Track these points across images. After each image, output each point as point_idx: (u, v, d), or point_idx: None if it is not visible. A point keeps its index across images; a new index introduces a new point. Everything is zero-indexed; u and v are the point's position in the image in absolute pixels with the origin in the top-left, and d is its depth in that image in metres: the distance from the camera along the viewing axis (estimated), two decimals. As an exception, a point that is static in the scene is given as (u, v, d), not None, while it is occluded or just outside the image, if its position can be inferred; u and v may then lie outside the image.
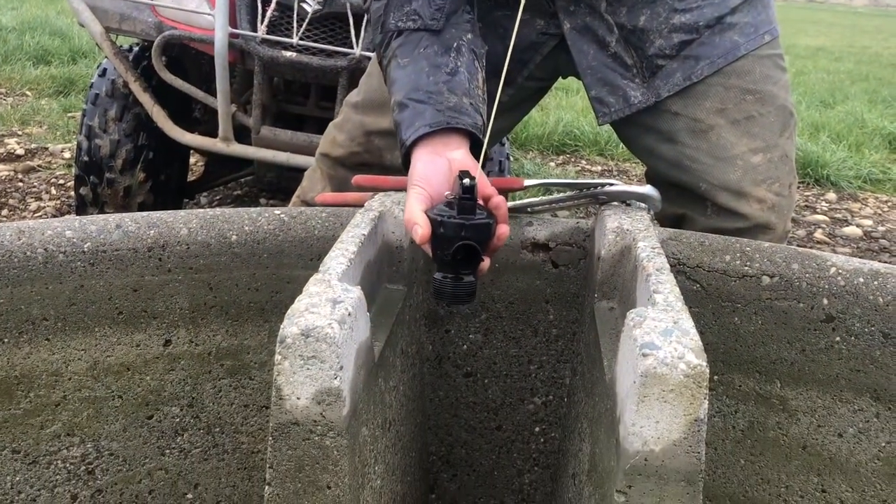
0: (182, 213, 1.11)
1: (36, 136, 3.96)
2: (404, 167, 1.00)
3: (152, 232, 1.08)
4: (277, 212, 1.13)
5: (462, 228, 0.87)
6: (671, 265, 0.94)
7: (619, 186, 1.09)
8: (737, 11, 1.19)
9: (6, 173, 3.33)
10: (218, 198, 3.26)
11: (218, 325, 1.13)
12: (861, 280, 1.01)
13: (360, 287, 0.78)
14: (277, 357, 0.71)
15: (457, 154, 0.96)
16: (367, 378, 0.81)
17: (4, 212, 2.93)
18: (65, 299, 1.04)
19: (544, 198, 1.14)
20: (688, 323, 0.74)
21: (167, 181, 2.49)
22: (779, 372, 1.08)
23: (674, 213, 1.26)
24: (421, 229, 0.86)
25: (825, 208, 3.86)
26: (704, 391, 0.69)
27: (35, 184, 3.25)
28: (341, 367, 0.72)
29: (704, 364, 0.68)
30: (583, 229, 1.13)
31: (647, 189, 1.09)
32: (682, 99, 1.21)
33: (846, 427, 1.05)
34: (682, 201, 1.24)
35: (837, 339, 1.03)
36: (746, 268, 1.07)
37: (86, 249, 1.04)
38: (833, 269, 1.04)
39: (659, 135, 1.23)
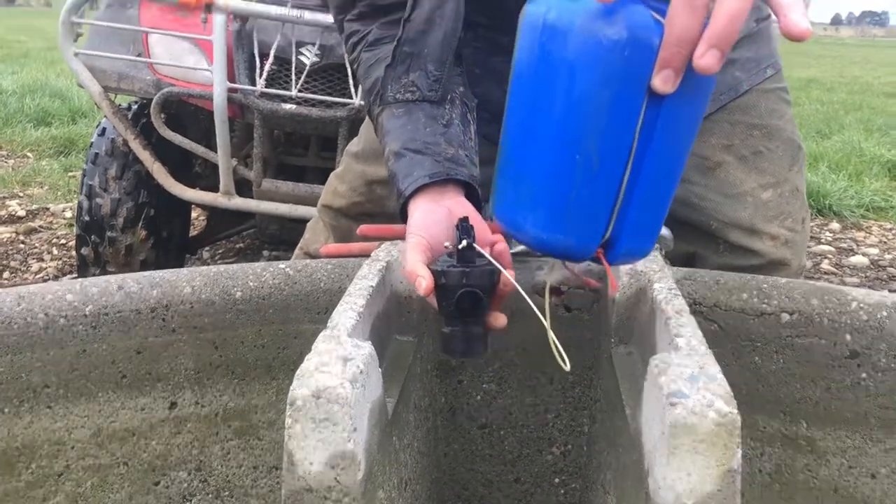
0: (185, 271, 1.09)
1: (37, 196, 3.96)
2: (401, 218, 0.98)
3: (155, 292, 1.05)
4: (282, 266, 1.11)
5: (464, 276, 0.85)
6: (687, 305, 0.92)
7: (631, 227, 1.06)
8: (737, 47, 1.18)
9: (7, 235, 3.31)
10: (220, 252, 3.24)
11: (224, 384, 1.10)
12: (884, 314, 0.99)
13: (370, 342, 0.76)
14: (288, 420, 0.68)
15: (455, 203, 0.95)
16: (381, 438, 0.78)
17: (6, 274, 2.91)
18: (67, 365, 1.01)
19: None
20: (714, 368, 0.71)
21: (169, 238, 2.48)
22: (804, 412, 1.04)
23: (685, 252, 1.24)
24: (424, 281, 0.84)
25: (830, 238, 3.83)
26: (737, 440, 0.65)
27: (37, 245, 3.24)
28: (355, 429, 0.69)
29: (735, 411, 0.65)
30: (595, 271, 1.10)
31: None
32: (688, 136, 1.19)
33: (878, 467, 1.01)
34: (693, 240, 1.22)
35: (864, 375, 1.00)
36: (764, 305, 1.04)
37: (87, 313, 1.02)
38: (854, 304, 1.01)
39: None
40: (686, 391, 0.67)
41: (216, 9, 2.01)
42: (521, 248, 1.14)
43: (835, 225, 4.04)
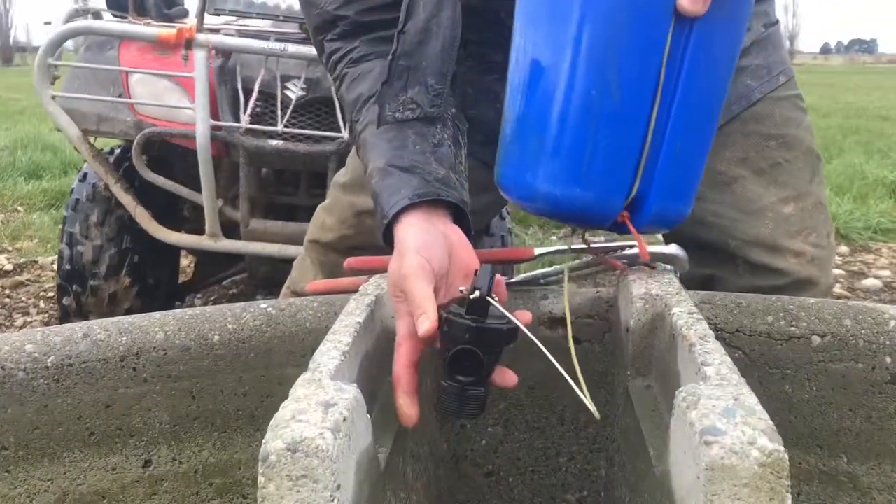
0: (157, 315, 1.01)
1: (26, 250, 3.90)
2: (384, 241, 0.89)
3: (124, 339, 0.97)
4: (263, 305, 1.02)
5: (468, 332, 0.74)
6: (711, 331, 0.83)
7: (642, 248, 0.98)
8: (746, 54, 1.11)
9: (-6, 290, 3.24)
10: (213, 298, 3.16)
11: (203, 438, 1.01)
12: (927, 332, 0.90)
13: (356, 385, 0.66)
14: (261, 479, 0.59)
15: (451, 229, 0.86)
16: (372, 494, 0.69)
17: (6, 333, 2.82)
18: (27, 423, 0.92)
19: (558, 267, 1.03)
20: (751, 399, 0.62)
21: (156, 285, 2.40)
22: (843, 444, 0.95)
23: (701, 275, 1.15)
24: (428, 322, 0.74)
25: (840, 262, 3.76)
26: (786, 483, 0.56)
27: (23, 299, 3.16)
28: (338, 487, 0.59)
29: (781, 449, 0.56)
30: (605, 299, 1.02)
31: (673, 248, 0.98)
32: (698, 150, 1.11)
33: (931, 504, 0.91)
34: (710, 261, 1.13)
35: (908, 401, 0.90)
36: (792, 328, 0.95)
37: (49, 364, 0.93)
38: (893, 323, 0.92)
39: None
40: (722, 427, 0.57)
41: (196, 45, 1.95)
42: (520, 277, 1.06)
43: (843, 248, 3.98)
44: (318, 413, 0.61)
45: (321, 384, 0.67)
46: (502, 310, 0.76)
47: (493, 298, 0.76)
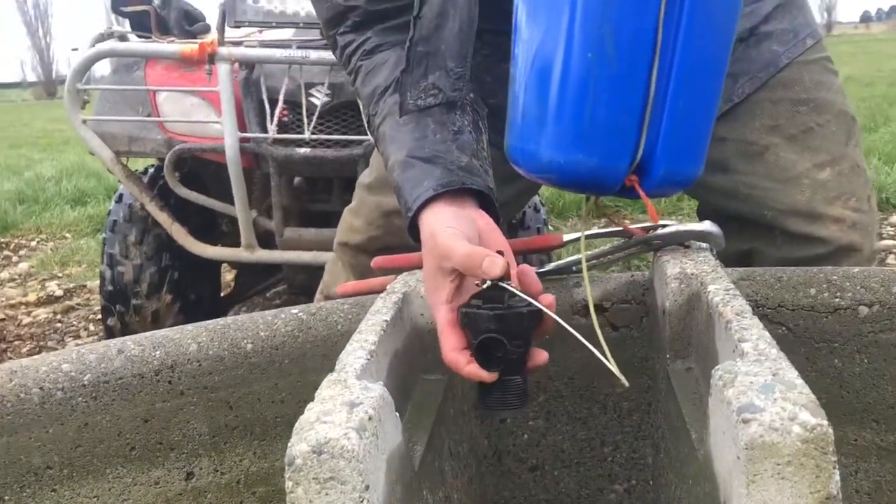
0: (190, 327, 1.01)
1: (75, 275, 3.98)
2: (410, 235, 0.87)
3: (158, 353, 0.97)
4: (295, 311, 1.01)
5: (489, 321, 0.73)
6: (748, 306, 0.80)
7: (674, 227, 0.95)
8: (770, 19, 1.07)
9: (46, 315, 3.32)
10: (257, 310, 3.18)
11: (244, 447, 1.00)
12: (982, 294, 0.85)
13: (382, 383, 0.65)
14: (288, 483, 0.58)
15: (478, 214, 0.84)
16: (405, 494, 0.67)
17: (43, 354, 2.88)
18: (69, 442, 0.93)
19: (589, 252, 1.00)
20: (791, 373, 0.60)
21: (198, 300, 2.42)
22: (900, 417, 0.91)
23: (738, 250, 1.11)
24: (499, 260, 0.72)
25: (892, 232, 3.64)
26: (832, 458, 0.53)
27: (74, 322, 3.23)
28: (367, 487, 0.58)
29: (825, 423, 0.53)
30: (640, 282, 0.99)
31: (707, 225, 0.95)
32: (727, 122, 1.08)
33: None
34: (747, 235, 1.10)
35: (966, 368, 0.86)
36: (838, 299, 0.92)
37: (86, 382, 0.94)
38: (945, 287, 0.88)
39: (708, 165, 1.10)
40: (760, 403, 0.55)
41: (219, 59, 1.97)
42: (551, 266, 1.03)
43: (894, 218, 3.85)
44: (342, 413, 0.60)
45: (346, 384, 0.65)
46: (520, 293, 0.74)
47: (508, 284, 0.74)
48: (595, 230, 1.04)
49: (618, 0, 0.57)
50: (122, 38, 2.27)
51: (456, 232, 0.78)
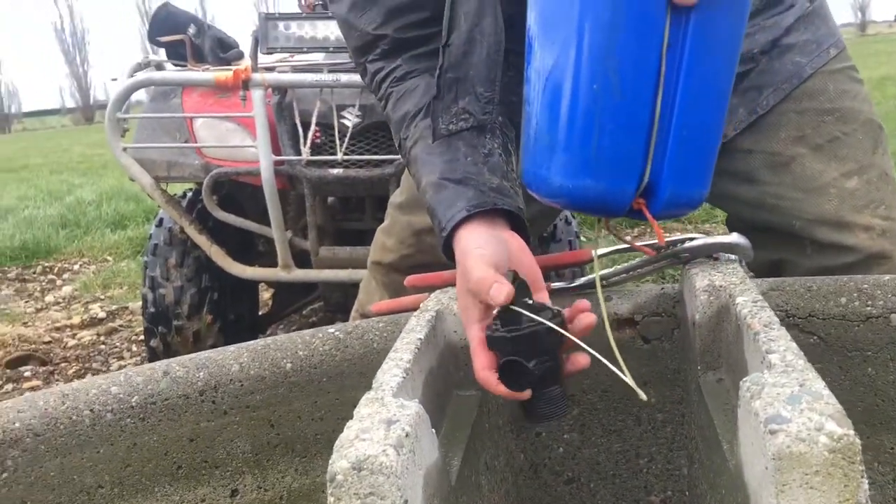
0: (231, 348, 1.04)
1: (117, 297, 4.06)
2: (444, 254, 0.90)
3: (202, 374, 1.00)
4: (331, 330, 1.04)
5: (506, 343, 0.76)
6: (779, 319, 0.80)
7: (702, 240, 0.96)
8: (792, 31, 1.08)
9: (90, 338, 3.39)
10: (294, 328, 3.23)
11: (285, 464, 1.03)
12: None
13: (417, 401, 0.67)
14: (330, 500, 0.60)
15: (510, 235, 0.86)
16: (443, 507, 0.69)
17: (88, 376, 2.95)
18: (119, 462, 0.96)
19: (619, 266, 1.02)
20: (817, 383, 0.60)
21: (237, 319, 2.46)
22: (937, 425, 0.90)
23: (768, 261, 1.12)
24: (505, 288, 0.75)
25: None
26: (859, 467, 0.54)
27: (117, 344, 3.29)
28: (405, 502, 0.60)
29: (852, 433, 0.54)
30: (670, 295, 1.00)
31: (734, 237, 0.96)
32: (752, 134, 1.09)
33: None
34: (776, 246, 1.10)
35: None
36: (869, 308, 0.92)
37: (134, 404, 0.97)
38: (977, 293, 0.88)
39: (735, 177, 1.11)
40: (786, 414, 0.56)
41: (253, 84, 2.01)
42: (583, 279, 1.05)
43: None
44: (380, 431, 0.62)
45: (383, 402, 0.68)
46: (527, 313, 0.76)
47: (528, 301, 0.77)
48: (610, 248, 1.05)
49: (622, 36, 0.59)
50: (159, 67, 2.34)
51: (483, 253, 0.80)
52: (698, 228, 4.22)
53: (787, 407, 0.57)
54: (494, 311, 0.79)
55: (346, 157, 2.11)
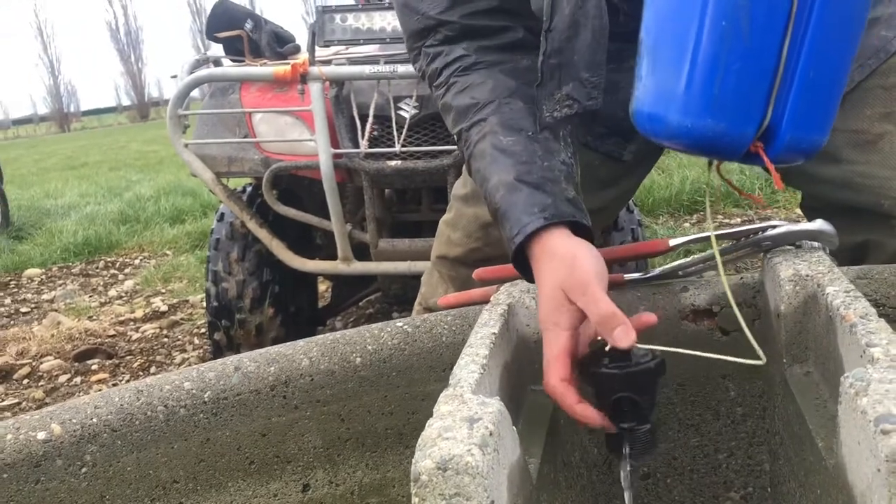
0: (301, 342, 1.03)
1: (178, 290, 4.13)
2: (513, 258, 0.88)
3: (272, 369, 1.00)
4: (399, 324, 1.03)
5: (617, 381, 0.76)
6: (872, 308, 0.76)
7: (785, 227, 0.92)
8: (877, 4, 1.03)
9: (153, 331, 3.46)
10: (352, 320, 3.24)
11: (356, 459, 1.02)
12: None
13: (498, 398, 0.66)
14: (415, 500, 0.59)
15: (585, 243, 0.85)
16: (526, 507, 0.67)
17: (153, 368, 3.01)
18: (192, 457, 0.96)
19: (696, 256, 0.98)
20: (928, 379, 0.57)
21: (297, 312, 2.48)
22: None
23: (852, 243, 1.07)
24: (631, 332, 0.75)
25: None
26: (980, 469, 0.51)
27: (179, 337, 3.35)
28: (492, 503, 0.58)
29: (973, 433, 0.51)
30: (750, 285, 0.96)
31: (819, 224, 0.91)
32: (836, 112, 1.04)
33: None
34: (861, 227, 1.05)
35: None
36: (966, 295, 0.87)
37: (207, 399, 0.97)
38: None
39: (818, 157, 1.06)
40: (899, 413, 0.53)
41: (311, 78, 2.01)
42: (658, 270, 1.02)
43: None
44: (463, 429, 0.61)
45: (463, 399, 0.66)
46: (644, 347, 0.77)
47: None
48: (686, 237, 1.02)
49: None
50: (217, 63, 2.36)
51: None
52: (760, 213, 4.12)
53: (899, 405, 0.53)
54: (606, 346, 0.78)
55: (404, 149, 2.10)
